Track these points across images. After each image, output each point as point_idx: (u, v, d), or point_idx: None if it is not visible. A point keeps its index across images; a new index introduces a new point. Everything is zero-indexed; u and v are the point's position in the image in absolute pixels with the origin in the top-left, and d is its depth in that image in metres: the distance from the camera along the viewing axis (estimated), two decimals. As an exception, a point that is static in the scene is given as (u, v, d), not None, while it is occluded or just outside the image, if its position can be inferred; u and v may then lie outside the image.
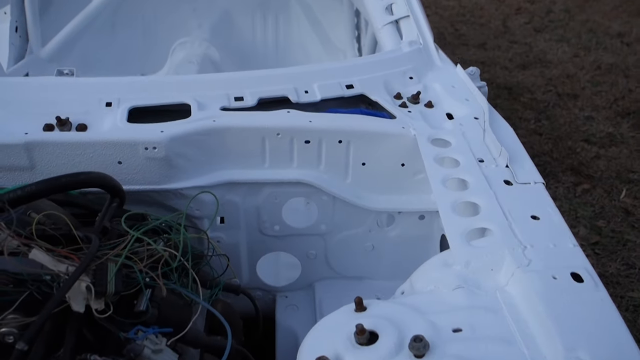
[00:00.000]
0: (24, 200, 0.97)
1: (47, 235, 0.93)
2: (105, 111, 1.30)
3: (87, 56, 3.42)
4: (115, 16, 3.45)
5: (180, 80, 1.46)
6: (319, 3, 3.58)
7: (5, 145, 1.18)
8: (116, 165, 1.23)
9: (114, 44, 3.55)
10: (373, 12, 1.83)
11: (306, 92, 1.43)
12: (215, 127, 1.27)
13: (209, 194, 1.32)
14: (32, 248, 0.85)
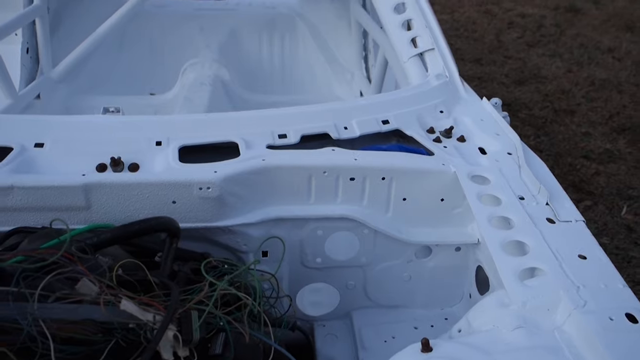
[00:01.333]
0: (100, 246, 1.00)
1: (123, 281, 0.97)
2: (155, 150, 1.33)
3: (96, 75, 3.44)
4: (123, 35, 3.47)
5: (225, 117, 1.49)
6: (326, 24, 3.63)
7: (63, 187, 1.20)
8: (170, 204, 1.26)
9: (121, 63, 3.57)
10: (398, 45, 1.88)
11: (345, 128, 1.47)
12: (265, 166, 1.31)
13: (256, 228, 1.35)
14: (121, 298, 0.88)
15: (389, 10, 1.93)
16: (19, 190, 1.19)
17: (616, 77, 5.11)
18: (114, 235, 1.07)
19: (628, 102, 4.63)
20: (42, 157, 1.29)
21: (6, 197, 1.19)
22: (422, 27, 1.87)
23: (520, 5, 7.73)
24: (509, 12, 7.38)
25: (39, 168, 1.26)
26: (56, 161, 1.28)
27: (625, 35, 6.41)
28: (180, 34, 3.63)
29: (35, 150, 1.29)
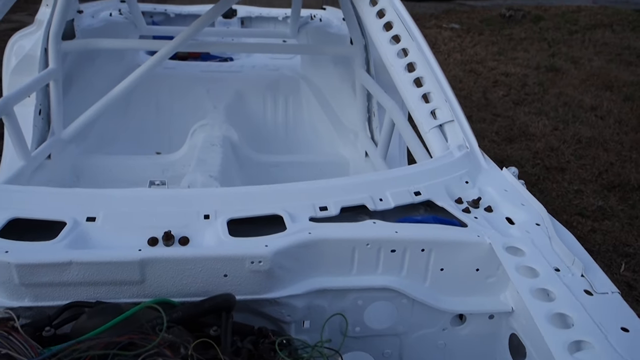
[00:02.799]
0: (172, 325, 1.02)
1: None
2: (204, 224, 1.35)
3: (104, 135, 3.49)
4: (130, 96, 3.53)
5: (268, 190, 1.53)
6: (329, 86, 3.76)
7: (121, 262, 1.22)
8: (222, 277, 1.28)
9: (128, 123, 3.62)
10: (419, 116, 1.97)
11: (380, 199, 1.53)
12: (312, 239, 1.34)
13: (300, 299, 1.37)
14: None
15: (408, 85, 2.03)
16: (77, 265, 1.20)
17: (601, 135, 5.33)
18: (185, 314, 1.08)
19: (614, 159, 4.81)
20: (94, 231, 1.30)
21: (63, 272, 1.20)
22: (441, 100, 1.96)
23: (503, 65, 8.09)
24: (493, 71, 7.71)
25: (92, 242, 1.28)
26: (108, 235, 1.30)
27: (605, 93, 6.73)
28: (187, 95, 3.71)
29: (88, 225, 1.31)
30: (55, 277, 1.21)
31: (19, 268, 1.18)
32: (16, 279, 1.20)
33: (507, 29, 10.51)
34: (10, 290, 1.22)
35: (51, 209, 1.34)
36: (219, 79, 3.79)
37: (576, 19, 11.34)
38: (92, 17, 3.65)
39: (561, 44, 9.48)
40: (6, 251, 1.20)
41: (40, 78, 2.77)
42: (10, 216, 1.30)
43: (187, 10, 4.61)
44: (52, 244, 1.23)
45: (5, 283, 1.21)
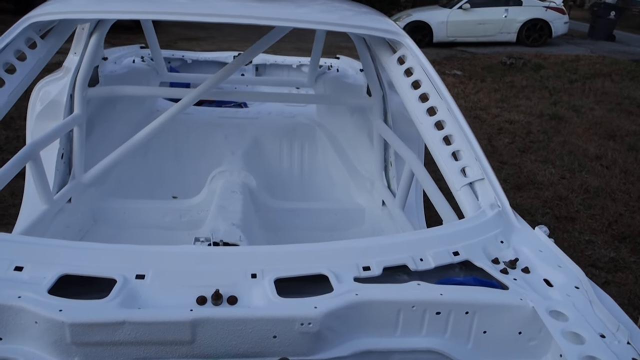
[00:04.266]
0: None
1: None
2: (251, 283, 1.36)
3: (122, 179, 3.51)
4: (149, 140, 3.58)
5: (312, 249, 1.54)
6: (344, 134, 3.81)
7: (172, 322, 1.22)
8: (271, 339, 1.27)
9: (146, 167, 3.65)
10: (449, 174, 2.00)
11: (421, 259, 1.54)
12: (359, 301, 1.35)
13: None
14: None
15: (438, 142, 2.07)
16: (130, 325, 1.20)
17: (608, 185, 5.38)
18: None
19: (623, 210, 4.85)
20: (144, 289, 1.30)
21: (116, 332, 1.20)
22: (471, 158, 2.00)
23: (507, 112, 8.23)
24: (497, 118, 7.84)
25: (142, 301, 1.28)
26: (157, 293, 1.30)
27: (609, 143, 6.83)
28: (205, 141, 3.76)
29: (137, 282, 1.31)
30: (107, 337, 1.20)
31: (72, 327, 1.18)
32: (68, 338, 1.19)
33: (508, 76, 10.73)
34: (61, 349, 1.21)
35: (101, 266, 1.35)
36: (237, 125, 3.85)
37: (575, 67, 11.61)
38: (115, 63, 3.74)
39: (562, 92, 9.67)
40: (60, 310, 1.20)
41: (65, 124, 2.81)
42: (60, 272, 1.31)
43: (204, 57, 4.72)
44: (105, 303, 1.23)
45: (57, 342, 1.20)
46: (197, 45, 12.13)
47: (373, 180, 3.48)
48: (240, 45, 12.77)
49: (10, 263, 1.33)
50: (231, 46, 12.55)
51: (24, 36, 2.05)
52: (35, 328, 1.21)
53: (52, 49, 2.22)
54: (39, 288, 1.25)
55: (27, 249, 1.39)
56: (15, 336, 1.24)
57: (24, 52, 2.07)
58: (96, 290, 1.32)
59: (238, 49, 11.91)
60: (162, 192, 3.54)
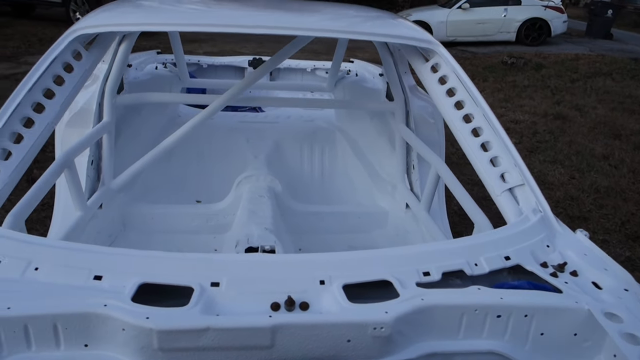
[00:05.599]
0: None
1: None
2: (320, 289, 1.41)
3: (147, 184, 3.54)
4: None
5: (373, 255, 1.59)
6: (365, 138, 3.86)
7: (254, 328, 1.27)
8: (345, 342, 1.32)
9: (170, 172, 3.69)
10: (488, 180, 2.05)
11: (476, 264, 1.59)
12: (425, 305, 1.40)
13: None
14: None
15: (476, 149, 2.12)
16: (213, 331, 1.24)
17: (618, 185, 5.45)
18: None
19: (634, 209, 4.92)
20: (220, 297, 1.34)
21: (200, 337, 1.24)
22: (510, 164, 2.05)
23: (511, 112, 8.30)
24: (502, 118, 7.90)
25: (219, 308, 1.31)
26: (233, 300, 1.34)
27: (615, 142, 6.91)
28: (227, 145, 3.80)
29: (213, 290, 1.35)
30: (192, 343, 1.25)
31: (160, 334, 1.22)
32: (155, 344, 1.24)
33: (510, 76, 10.81)
34: (148, 355, 1.26)
35: (177, 275, 1.39)
36: (257, 129, 3.89)
37: (576, 67, 11.71)
38: (136, 69, 3.77)
39: (564, 91, 9.76)
40: (147, 317, 1.24)
41: (96, 131, 2.84)
42: (140, 281, 1.35)
43: (219, 62, 4.76)
44: (187, 310, 1.28)
45: (144, 348, 1.25)
46: (199, 47, 12.16)
47: (395, 183, 3.53)
48: (240, 47, 12.80)
49: (90, 272, 1.37)
50: (233, 48, 12.58)
51: (70, 48, 2.09)
52: (122, 335, 1.26)
53: (96, 60, 2.26)
54: (122, 296, 1.30)
55: (103, 258, 1.43)
56: (100, 343, 1.29)
57: (70, 64, 2.11)
58: (169, 298, 1.36)
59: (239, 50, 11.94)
60: (186, 197, 3.58)
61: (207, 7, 2.59)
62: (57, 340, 1.28)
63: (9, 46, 11.23)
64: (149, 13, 2.43)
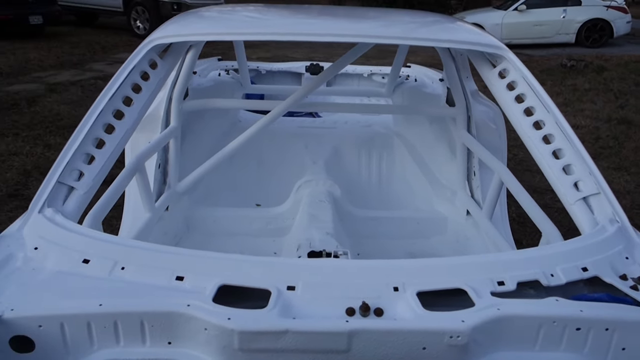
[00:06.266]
0: None
1: None
2: (394, 296, 1.42)
3: (209, 187, 3.65)
4: None
5: (446, 263, 1.59)
6: (423, 143, 3.83)
7: (332, 332, 1.30)
8: (420, 350, 1.33)
9: (231, 176, 3.78)
10: (560, 188, 2.00)
11: (552, 275, 1.56)
12: (502, 315, 1.39)
13: None
14: None
15: (547, 156, 2.07)
16: (292, 334, 1.28)
17: (690, 193, 5.18)
18: None
19: None
20: (296, 300, 1.38)
21: (278, 339, 1.28)
22: (584, 172, 1.99)
23: (572, 116, 8.02)
24: (562, 123, 7.63)
25: (296, 311, 1.35)
26: (309, 304, 1.37)
27: (685, 149, 6.56)
28: (286, 150, 3.86)
29: (289, 293, 1.39)
30: (271, 344, 1.29)
31: (241, 335, 1.27)
32: (236, 345, 1.28)
33: (569, 79, 10.45)
34: (228, 354, 1.30)
35: (254, 277, 1.43)
36: (316, 134, 3.93)
37: (641, 69, 11.19)
38: (199, 76, 3.89)
39: (629, 95, 9.34)
40: (228, 318, 1.29)
41: (164, 136, 2.96)
42: (220, 283, 1.40)
43: (277, 67, 4.84)
44: (267, 312, 1.32)
45: (225, 347, 1.29)
46: (254, 53, 12.38)
47: (455, 189, 3.49)
48: (292, 52, 12.96)
49: (172, 273, 1.44)
50: (285, 53, 12.75)
51: (147, 58, 2.19)
52: (204, 334, 1.31)
53: (170, 68, 2.36)
54: (204, 297, 1.35)
55: (184, 260, 1.49)
56: (183, 341, 1.35)
57: (147, 72, 2.20)
58: (245, 300, 1.40)
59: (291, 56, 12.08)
60: (246, 200, 3.66)
61: (268, 16, 2.65)
62: (143, 337, 1.34)
63: (75, 53, 11.79)
64: (218, 23, 2.50)
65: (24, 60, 10.65)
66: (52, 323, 1.31)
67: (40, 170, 5.40)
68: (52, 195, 1.75)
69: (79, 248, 1.53)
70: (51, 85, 8.88)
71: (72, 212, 1.76)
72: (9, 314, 1.29)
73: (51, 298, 1.36)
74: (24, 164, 5.55)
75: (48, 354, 1.34)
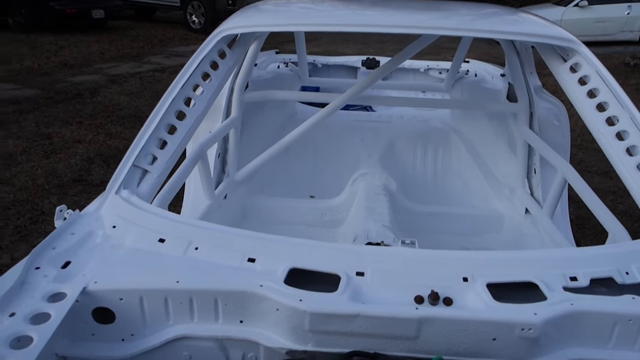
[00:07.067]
0: None
1: None
2: (463, 286, 1.42)
3: (265, 177, 3.71)
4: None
5: (519, 256, 1.57)
6: (481, 139, 3.77)
7: (402, 318, 1.31)
8: (490, 341, 1.32)
9: (287, 167, 3.84)
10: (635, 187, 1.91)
11: (627, 273, 1.52)
12: (575, 310, 1.36)
13: None
14: None
15: (621, 153, 2.00)
16: (363, 318, 1.30)
17: None
18: None
19: None
20: (365, 286, 1.40)
21: (349, 323, 1.30)
22: None
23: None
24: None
25: (365, 296, 1.37)
26: (378, 290, 1.39)
27: None
28: (342, 143, 3.88)
29: (359, 279, 1.41)
30: (341, 327, 1.31)
31: (312, 316, 1.30)
32: (307, 326, 1.31)
33: (633, 78, 10.02)
34: (298, 335, 1.34)
35: (324, 262, 1.46)
36: (371, 128, 3.93)
37: None
38: (258, 68, 3.96)
39: (698, 96, 8.86)
40: (300, 299, 1.32)
41: (225, 125, 3.02)
42: (291, 266, 1.43)
43: (333, 61, 4.86)
44: (338, 296, 1.34)
45: (296, 328, 1.33)
46: (305, 47, 12.43)
47: (513, 187, 3.42)
48: (344, 47, 12.96)
49: (244, 255, 1.48)
50: (336, 49, 12.76)
51: (217, 48, 2.25)
52: (276, 314, 1.34)
53: (238, 58, 2.41)
54: (276, 279, 1.38)
55: (256, 242, 1.53)
56: (254, 320, 1.39)
57: (216, 62, 2.27)
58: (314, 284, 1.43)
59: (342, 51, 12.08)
60: (301, 192, 3.70)
61: (326, 7, 2.67)
62: (217, 314, 1.39)
63: (134, 47, 12.20)
64: (282, 15, 2.55)
65: (87, 53, 11.11)
66: (133, 296, 1.37)
67: (102, 158, 5.63)
68: (128, 177, 1.83)
69: (155, 228, 1.59)
70: (112, 77, 9.23)
71: (145, 194, 1.83)
72: (93, 286, 1.36)
73: (131, 273, 1.42)
74: (87, 151, 5.80)
75: (127, 326, 1.40)
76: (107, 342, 1.41)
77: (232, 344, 1.40)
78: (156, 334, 1.41)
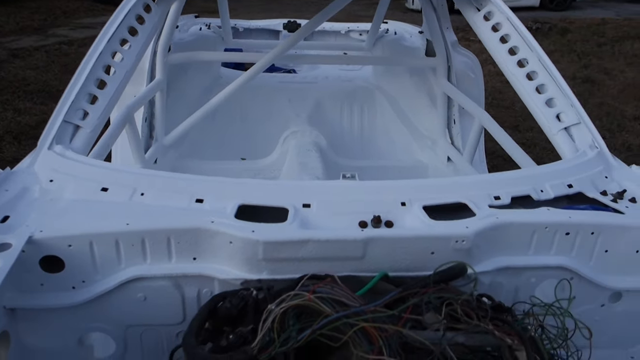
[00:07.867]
0: None
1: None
2: (402, 210, 1.52)
3: (194, 142, 3.68)
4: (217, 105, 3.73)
5: (448, 182, 1.70)
6: (403, 95, 3.94)
7: (349, 240, 1.40)
8: (429, 255, 1.44)
9: (215, 130, 3.81)
10: (544, 120, 2.13)
11: (542, 191, 1.70)
12: (500, 222, 1.51)
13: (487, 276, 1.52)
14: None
15: (531, 92, 2.20)
16: (313, 243, 1.37)
17: (650, 143, 5.47)
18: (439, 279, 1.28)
19: (668, 166, 4.94)
20: (312, 216, 1.47)
21: (300, 249, 1.37)
22: (565, 104, 2.13)
23: (539, 76, 8.25)
24: (530, 82, 7.86)
25: (313, 225, 1.44)
26: (324, 219, 1.46)
27: (645, 104, 6.87)
28: (270, 105, 3.90)
29: (305, 210, 1.48)
30: (293, 253, 1.38)
31: (266, 245, 1.35)
32: (260, 255, 1.37)
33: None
34: (252, 265, 1.39)
35: (271, 197, 1.51)
36: (298, 89, 3.98)
37: (603, 31, 11.51)
38: (179, 30, 3.87)
39: (591, 55, 9.64)
40: (252, 230, 1.37)
41: (150, 88, 2.96)
42: (239, 203, 1.48)
43: (255, 25, 4.83)
44: (288, 225, 1.40)
45: (250, 258, 1.38)
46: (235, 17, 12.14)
47: (435, 138, 3.62)
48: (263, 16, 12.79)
49: (191, 196, 1.50)
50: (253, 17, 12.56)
51: (141, 1, 2.19)
52: (229, 248, 1.39)
53: (163, 13, 2.36)
54: (226, 215, 1.42)
55: (201, 185, 1.56)
56: (207, 256, 1.42)
57: (142, 16, 2.21)
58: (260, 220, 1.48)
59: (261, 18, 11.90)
60: (231, 154, 3.70)
61: None
62: (170, 254, 1.41)
63: (35, 19, 11.36)
64: None
65: (-19, 26, 10.23)
66: (82, 242, 1.36)
67: (12, 135, 5.29)
68: (60, 133, 1.78)
69: (96, 178, 1.57)
70: (13, 51, 8.58)
71: (80, 149, 1.79)
72: (39, 235, 1.33)
73: (78, 220, 1.41)
74: (-5, 128, 5.43)
75: (77, 273, 1.39)
76: (57, 291, 1.39)
77: (186, 281, 1.43)
78: (108, 278, 1.41)
